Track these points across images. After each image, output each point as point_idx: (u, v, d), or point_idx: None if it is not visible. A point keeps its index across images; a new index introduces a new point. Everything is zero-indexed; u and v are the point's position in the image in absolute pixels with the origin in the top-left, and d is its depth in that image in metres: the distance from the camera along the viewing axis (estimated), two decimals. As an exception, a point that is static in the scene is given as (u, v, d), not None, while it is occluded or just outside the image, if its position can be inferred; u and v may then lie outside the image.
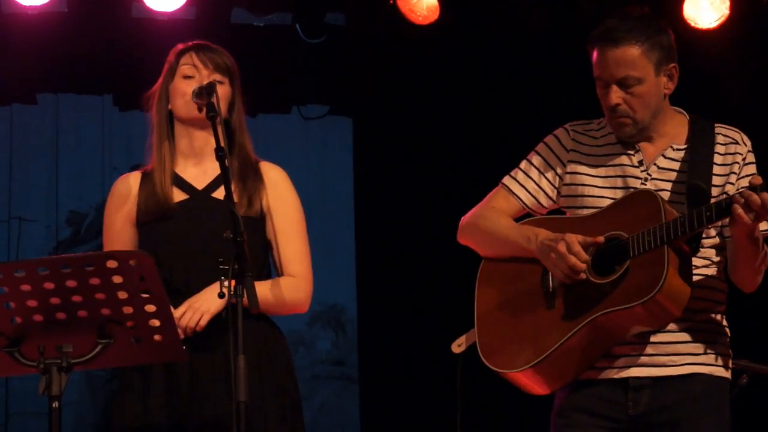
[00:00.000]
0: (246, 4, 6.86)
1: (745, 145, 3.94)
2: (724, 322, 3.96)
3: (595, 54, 3.92)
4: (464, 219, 4.15)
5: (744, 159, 3.92)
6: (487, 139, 7.25)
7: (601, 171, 3.97)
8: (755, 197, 3.58)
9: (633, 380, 3.84)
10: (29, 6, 6.51)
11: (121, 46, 6.83)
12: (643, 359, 3.84)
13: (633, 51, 3.87)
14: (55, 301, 3.40)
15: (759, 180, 3.62)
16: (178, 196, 4.14)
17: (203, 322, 3.94)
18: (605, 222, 3.86)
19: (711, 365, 3.88)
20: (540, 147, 4.10)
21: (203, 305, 3.94)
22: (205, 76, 4.11)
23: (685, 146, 3.94)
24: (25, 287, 3.37)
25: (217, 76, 4.12)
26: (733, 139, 3.95)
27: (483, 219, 4.09)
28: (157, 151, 4.16)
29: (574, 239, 3.79)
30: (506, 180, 4.11)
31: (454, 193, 7.25)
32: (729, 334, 3.96)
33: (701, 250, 3.86)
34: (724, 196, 3.79)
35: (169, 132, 4.19)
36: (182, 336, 3.88)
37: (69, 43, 6.82)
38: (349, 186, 7.87)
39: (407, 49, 7.15)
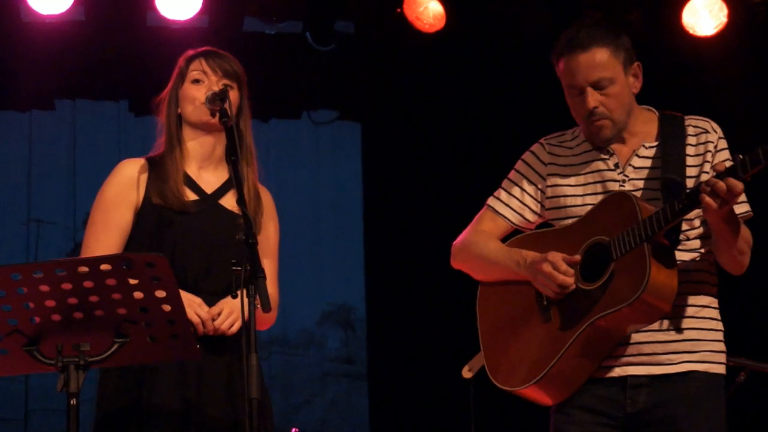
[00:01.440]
0: (258, 13, 6.86)
1: (716, 132, 3.93)
2: (718, 316, 3.94)
3: (564, 64, 3.93)
4: (455, 244, 4.17)
5: (715, 146, 3.90)
6: (492, 143, 7.24)
7: (580, 179, 3.98)
8: (720, 184, 3.56)
9: (631, 378, 3.83)
10: (48, 15, 6.52)
11: (137, 53, 6.84)
12: (641, 358, 3.84)
13: (602, 53, 3.88)
14: (72, 301, 3.40)
15: (723, 166, 3.60)
16: (189, 195, 4.12)
17: (235, 329, 3.92)
18: (586, 229, 3.87)
19: (707, 362, 3.87)
20: (519, 165, 4.12)
21: (238, 312, 3.88)
22: (213, 81, 4.10)
23: (657, 143, 3.93)
24: (44, 288, 3.37)
25: (226, 82, 4.11)
26: (703, 128, 3.94)
27: (473, 245, 4.10)
28: (169, 153, 4.14)
29: (558, 258, 3.81)
30: (491, 201, 4.13)
31: (460, 196, 7.25)
32: (723, 328, 3.94)
33: (688, 242, 3.86)
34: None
35: (178, 136, 4.18)
36: (211, 333, 3.89)
37: (86, 51, 6.83)
38: (358, 189, 7.87)
39: (414, 56, 7.16)
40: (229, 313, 3.93)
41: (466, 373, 4.17)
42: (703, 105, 6.91)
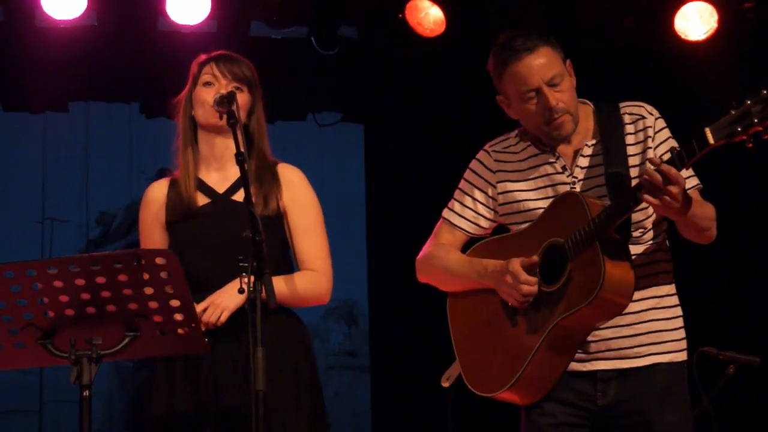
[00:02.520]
0: (264, 18, 6.86)
1: (652, 116, 3.89)
2: (677, 302, 3.91)
3: (512, 71, 3.87)
4: (418, 259, 4.16)
5: (654, 129, 3.86)
6: (489, 141, 7.24)
7: (531, 184, 3.94)
8: (657, 177, 3.50)
9: (601, 373, 3.83)
10: (61, 20, 6.52)
11: (148, 57, 6.83)
12: (609, 353, 3.83)
13: (547, 52, 3.86)
14: (85, 296, 3.41)
15: (658, 160, 3.54)
16: (201, 200, 4.15)
17: (223, 318, 3.94)
18: (541, 231, 3.84)
19: (671, 352, 3.87)
20: (467, 174, 4.11)
21: (223, 302, 3.94)
22: (223, 85, 4.11)
23: (598, 138, 3.88)
24: (58, 283, 3.38)
25: (236, 85, 4.12)
26: (639, 114, 3.90)
27: (435, 259, 4.09)
28: (183, 156, 4.18)
29: (518, 267, 3.77)
30: (446, 213, 4.12)
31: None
32: (682, 314, 3.91)
33: (643, 236, 3.82)
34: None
35: (192, 137, 4.20)
36: (203, 330, 3.88)
37: (98, 55, 6.82)
38: (361, 188, 7.87)
39: (415, 60, 7.15)
40: (215, 307, 3.93)
41: (444, 382, 4.16)
42: (694, 107, 6.93)
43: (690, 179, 3.81)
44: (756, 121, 3.41)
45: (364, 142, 7.90)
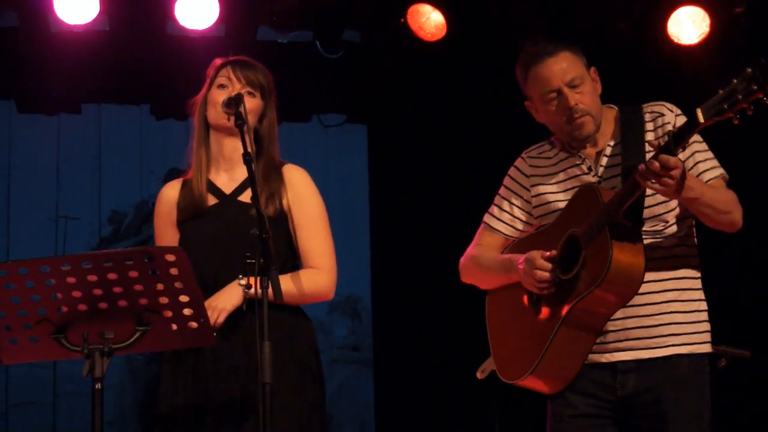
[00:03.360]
0: (271, 23, 6.87)
1: (672, 112, 3.93)
2: (701, 296, 3.93)
3: (535, 73, 3.96)
4: (461, 261, 4.23)
5: (673, 125, 3.89)
6: (488, 143, 7.24)
7: (561, 186, 4.01)
8: (653, 164, 3.56)
9: (621, 364, 3.84)
10: (75, 25, 6.53)
11: (157, 61, 6.84)
12: (629, 343, 3.85)
13: (568, 56, 3.94)
14: (97, 292, 3.42)
15: (654, 143, 3.62)
16: (210, 200, 4.17)
17: (221, 320, 3.93)
18: (563, 225, 3.91)
19: (692, 344, 3.87)
20: (506, 181, 4.17)
21: (220, 304, 3.93)
22: (237, 88, 4.12)
23: (618, 139, 3.95)
24: (71, 279, 3.39)
25: (249, 89, 4.13)
26: (658, 112, 3.95)
27: (473, 259, 4.18)
28: (196, 156, 4.20)
29: (536, 254, 3.85)
30: (486, 218, 4.19)
31: (460, 194, 7.26)
32: (706, 308, 3.92)
33: (655, 220, 3.84)
34: None
35: (206, 137, 4.22)
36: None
37: (110, 59, 6.83)
38: (364, 187, 7.87)
39: (417, 63, 7.16)
40: (212, 309, 3.92)
41: (480, 374, 4.23)
42: (686, 108, 6.93)
43: (713, 170, 3.86)
44: (740, 97, 3.47)
45: (368, 143, 7.90)
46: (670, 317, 3.85)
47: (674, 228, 3.88)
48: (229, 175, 4.18)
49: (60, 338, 3.48)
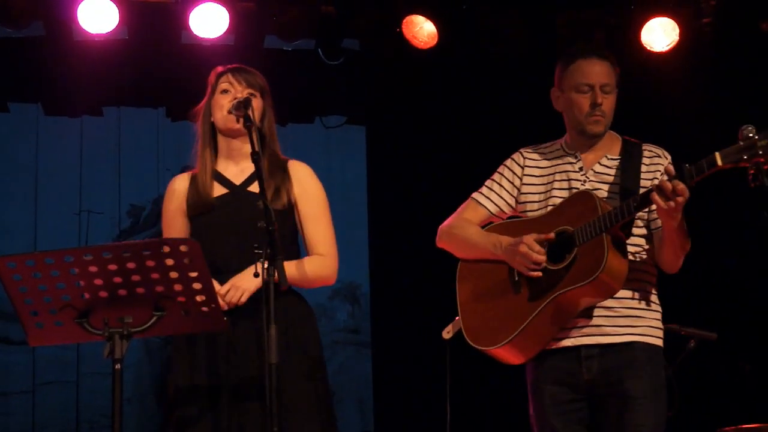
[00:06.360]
0: (276, 32, 6.85)
1: (666, 158, 4.07)
2: (656, 300, 4.06)
3: (580, 64, 4.07)
4: (441, 227, 4.28)
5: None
6: (476, 142, 7.24)
7: (550, 178, 4.11)
8: (667, 184, 3.67)
9: (584, 349, 3.95)
10: (96, 34, 6.51)
11: (173, 67, 6.83)
12: (591, 329, 3.96)
13: (609, 67, 4.09)
14: (117, 280, 3.41)
15: (671, 169, 3.71)
16: (219, 190, 4.15)
17: (244, 299, 3.94)
18: (554, 219, 3.98)
19: (646, 335, 3.99)
20: (501, 168, 4.25)
21: (243, 284, 3.93)
22: (239, 91, 4.11)
23: (618, 157, 4.07)
24: (93, 269, 3.38)
25: (250, 92, 4.12)
26: (656, 153, 4.09)
27: (456, 228, 4.21)
28: (201, 157, 4.18)
29: (531, 239, 3.92)
30: (475, 195, 4.25)
31: (450, 190, 7.24)
32: (660, 310, 4.06)
33: (634, 238, 3.97)
34: None
35: (211, 141, 4.20)
36: (225, 308, 3.88)
37: (129, 65, 6.82)
38: (362, 183, 7.85)
39: (411, 69, 7.15)
40: (236, 289, 3.93)
41: (446, 334, 4.25)
42: (659, 109, 6.92)
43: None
44: (761, 153, 3.57)
45: (366, 143, 7.89)
46: (629, 311, 3.98)
47: (640, 242, 4.01)
48: (238, 167, 4.17)
49: (83, 322, 3.48)
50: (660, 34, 6.81)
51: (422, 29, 6.86)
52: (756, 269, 6.67)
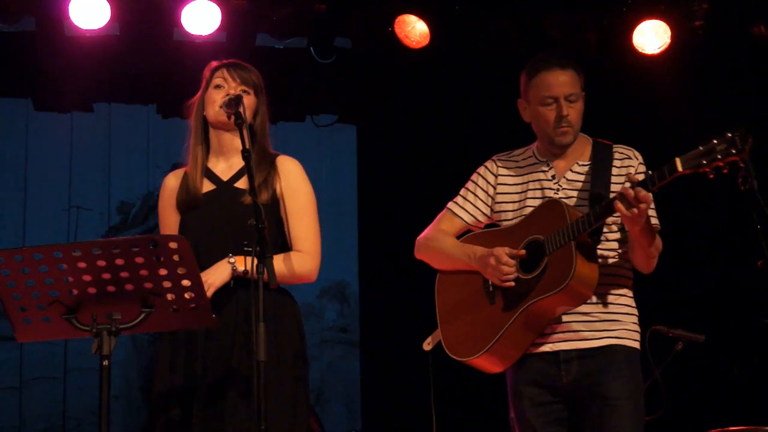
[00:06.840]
0: (268, 30, 6.84)
1: (637, 159, 4.09)
2: (633, 303, 4.08)
3: (542, 77, 4.05)
4: (419, 239, 4.31)
5: (636, 170, 4.04)
6: (466, 142, 7.24)
7: (524, 186, 4.13)
8: (629, 191, 3.70)
9: (563, 353, 3.98)
10: (87, 30, 6.49)
11: (164, 64, 6.81)
12: (570, 335, 3.99)
13: (574, 75, 4.07)
14: (106, 276, 3.40)
15: (635, 178, 3.74)
16: (208, 186, 4.13)
17: (209, 293, 3.87)
18: (525, 228, 4.01)
19: (624, 338, 4.02)
20: (474, 176, 4.26)
21: (209, 279, 3.88)
22: (233, 87, 4.10)
23: (589, 162, 4.08)
24: (81, 264, 3.37)
25: (243, 88, 4.10)
26: (626, 155, 4.09)
27: (433, 240, 4.25)
28: (192, 151, 4.17)
29: (502, 252, 3.95)
30: (450, 205, 4.27)
31: (439, 190, 7.24)
32: (637, 314, 4.08)
33: (609, 243, 4.00)
34: None
35: (203, 136, 4.18)
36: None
37: (120, 61, 6.80)
38: (353, 182, 7.86)
39: (403, 69, 7.15)
40: (204, 282, 3.89)
41: (426, 346, 4.27)
42: (650, 111, 6.93)
43: (654, 218, 4.00)
44: (719, 157, 3.59)
45: (357, 141, 7.89)
46: (606, 315, 4.01)
47: (613, 246, 4.03)
48: (227, 163, 4.16)
49: (71, 319, 3.46)
50: (652, 37, 6.82)
51: (414, 29, 6.86)
52: (744, 271, 6.68)
